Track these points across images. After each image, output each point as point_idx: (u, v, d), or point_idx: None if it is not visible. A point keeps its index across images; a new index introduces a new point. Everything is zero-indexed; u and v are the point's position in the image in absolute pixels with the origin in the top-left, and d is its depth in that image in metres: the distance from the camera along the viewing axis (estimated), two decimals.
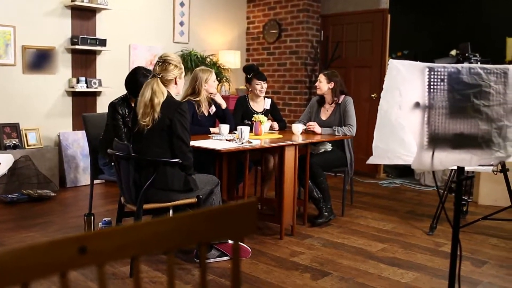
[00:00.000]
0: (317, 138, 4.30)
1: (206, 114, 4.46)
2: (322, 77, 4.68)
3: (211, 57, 7.00)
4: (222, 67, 7.01)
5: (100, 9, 5.87)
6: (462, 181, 2.00)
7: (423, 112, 1.90)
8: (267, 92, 7.40)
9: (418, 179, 6.35)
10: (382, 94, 1.97)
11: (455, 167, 2.00)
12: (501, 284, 3.17)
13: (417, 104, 1.91)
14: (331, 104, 4.68)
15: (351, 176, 4.74)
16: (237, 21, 7.67)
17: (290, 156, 3.91)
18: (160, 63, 3.18)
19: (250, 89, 4.87)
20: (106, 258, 0.89)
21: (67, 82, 5.72)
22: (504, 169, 4.13)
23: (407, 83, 1.92)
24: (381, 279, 3.21)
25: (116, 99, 4.04)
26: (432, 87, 1.90)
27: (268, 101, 4.91)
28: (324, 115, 4.72)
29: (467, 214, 4.74)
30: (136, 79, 3.88)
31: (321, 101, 4.78)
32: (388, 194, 5.78)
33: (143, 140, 3.11)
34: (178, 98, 3.26)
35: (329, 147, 4.58)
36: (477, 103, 1.89)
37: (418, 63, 1.94)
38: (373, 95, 6.70)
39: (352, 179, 4.97)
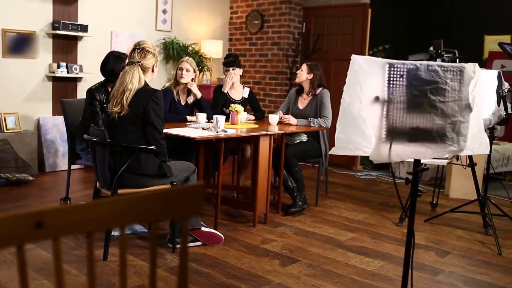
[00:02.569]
0: (292, 129, 4.39)
1: (183, 103, 4.54)
2: (304, 67, 4.78)
3: (193, 46, 7.04)
4: (204, 56, 7.06)
5: None
6: (418, 172, 2.11)
7: (382, 106, 1.99)
8: (247, 82, 7.50)
9: (394, 172, 6.49)
10: (344, 88, 2.05)
11: (412, 160, 2.10)
12: (462, 273, 3.31)
13: (376, 98, 2.00)
14: (308, 94, 4.77)
15: (325, 167, 4.85)
16: (220, 10, 7.71)
17: (264, 146, 4.00)
18: (138, 50, 3.22)
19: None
20: (61, 233, 0.96)
21: (48, 67, 5.73)
22: (472, 164, 4.27)
23: (368, 78, 2.01)
24: (347, 266, 3.33)
25: (94, 85, 4.09)
26: (391, 82, 1.99)
27: (247, 90, 4.98)
28: (301, 104, 4.82)
29: (437, 206, 4.88)
30: (110, 63, 3.97)
31: (300, 90, 4.88)
32: (363, 185, 5.91)
33: (117, 126, 3.16)
34: (152, 85, 3.31)
35: (304, 138, 4.67)
36: (433, 99, 1.98)
37: (379, 59, 2.03)
38: None
39: (327, 170, 5.08)
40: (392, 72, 1.99)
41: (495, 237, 3.83)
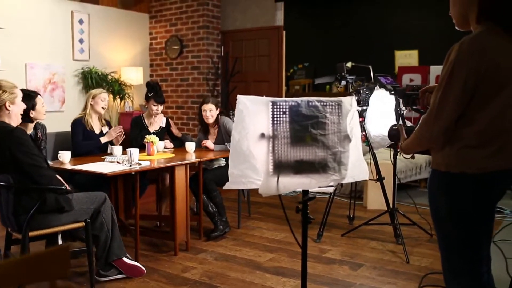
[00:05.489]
0: (209, 156, 4.49)
1: (98, 132, 4.55)
2: (211, 106, 4.80)
3: (112, 74, 7.02)
4: (124, 84, 7.05)
5: None
6: (306, 201, 2.25)
7: (268, 142, 2.12)
8: (170, 107, 7.55)
9: None
10: (233, 126, 2.17)
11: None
12: (371, 284, 3.50)
13: (262, 135, 2.13)
14: (214, 127, 4.90)
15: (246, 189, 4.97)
16: (139, 37, 7.74)
17: (180, 175, 4.07)
18: None
19: (146, 106, 5.00)
20: None
21: None
22: (380, 178, 4.52)
23: (253, 116, 2.14)
24: None
25: None
26: (275, 119, 2.13)
27: (164, 119, 5.04)
28: (212, 138, 4.91)
29: (354, 219, 5.10)
30: None
31: (205, 130, 4.97)
32: (286, 203, 6.01)
33: None
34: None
35: (223, 162, 4.78)
36: (314, 132, 2.14)
37: (263, 98, 2.16)
38: None
39: (248, 191, 5.20)
40: (275, 109, 2.13)
41: (403, 246, 4.07)
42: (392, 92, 3.33)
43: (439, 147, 2.00)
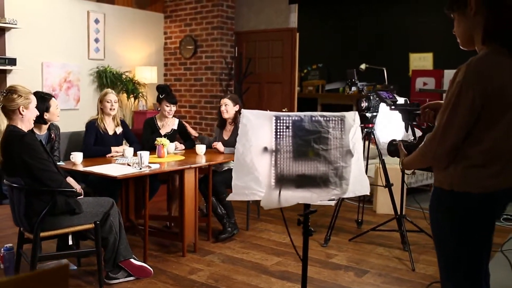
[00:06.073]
0: (219, 159, 4.54)
1: (111, 133, 4.62)
2: (228, 101, 4.90)
3: (127, 73, 7.11)
4: (138, 83, 7.14)
5: (9, 28, 5.86)
6: (308, 215, 2.29)
7: (270, 156, 2.17)
8: (184, 106, 7.63)
9: None
10: (237, 139, 2.21)
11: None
12: None
13: (265, 149, 2.17)
14: (231, 124, 4.95)
15: None
16: (154, 36, 7.82)
17: (190, 178, 4.13)
18: (4, 93, 3.22)
19: (159, 108, 5.07)
20: None
21: None
22: (388, 184, 4.54)
23: (257, 130, 2.18)
24: None
25: None
26: (278, 133, 2.17)
27: (176, 121, 5.11)
28: (226, 135, 4.99)
29: (362, 224, 5.13)
30: None
31: (222, 124, 5.04)
32: (295, 206, 6.09)
33: (8, 173, 3.21)
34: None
35: (232, 164, 4.83)
36: (316, 147, 2.18)
37: (267, 112, 2.20)
38: (284, 110, 7.04)
39: None
40: (278, 124, 2.17)
41: (409, 253, 4.09)
42: (393, 107, 3.35)
43: (442, 166, 2.01)
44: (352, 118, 2.24)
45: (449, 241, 2.06)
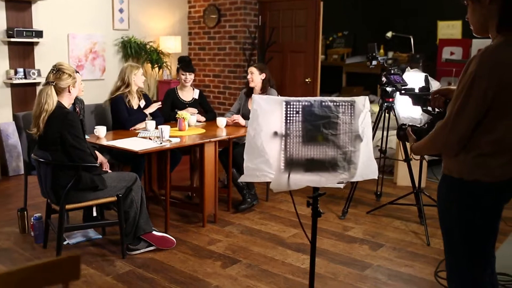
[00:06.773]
0: (240, 132, 4.60)
1: (136, 107, 4.73)
2: (254, 69, 4.94)
3: (151, 43, 7.18)
4: (162, 53, 7.20)
5: (35, 0, 5.95)
6: (317, 197, 2.36)
7: (280, 140, 2.23)
8: (208, 75, 7.69)
9: None
10: (249, 122, 2.28)
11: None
12: (388, 266, 3.61)
13: (275, 133, 2.23)
14: (259, 93, 4.99)
15: None
16: (178, 5, 7.83)
17: (210, 152, 4.23)
18: (54, 71, 3.41)
19: (178, 79, 5.17)
20: None
21: (5, 73, 5.84)
22: (407, 158, 4.55)
23: (267, 115, 2.24)
24: (283, 265, 3.61)
25: None
26: (288, 118, 2.22)
27: (197, 91, 5.19)
28: (251, 104, 5.04)
29: (381, 196, 5.17)
30: None
31: (249, 92, 5.08)
32: (305, 188, 6.16)
33: (39, 147, 3.38)
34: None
35: None
36: (325, 132, 2.22)
37: (277, 97, 2.25)
38: (307, 80, 7.04)
39: None
40: (288, 109, 2.22)
41: (425, 228, 4.13)
42: (403, 92, 3.34)
43: (452, 154, 2.04)
44: (362, 103, 2.27)
45: (456, 228, 2.10)
